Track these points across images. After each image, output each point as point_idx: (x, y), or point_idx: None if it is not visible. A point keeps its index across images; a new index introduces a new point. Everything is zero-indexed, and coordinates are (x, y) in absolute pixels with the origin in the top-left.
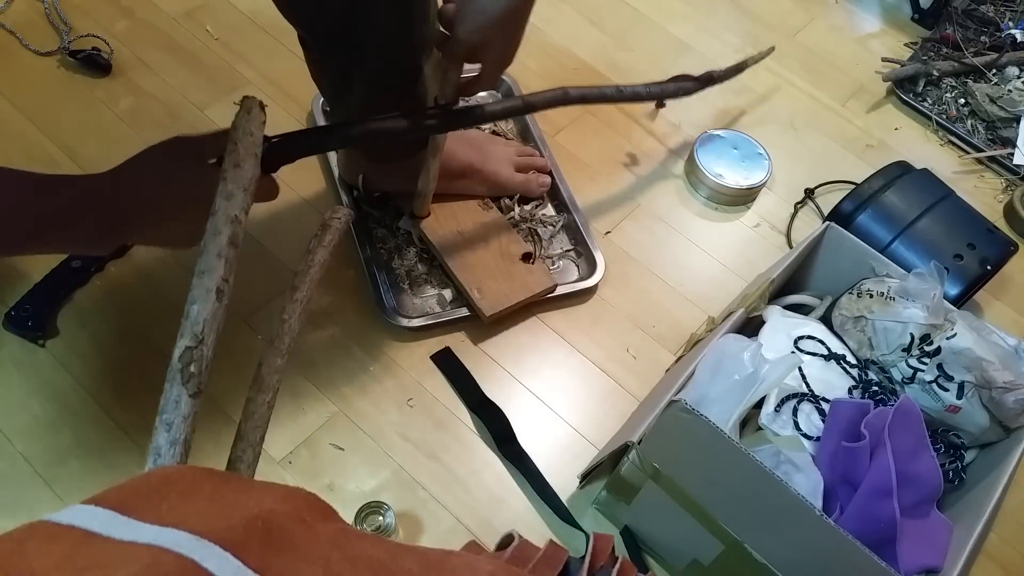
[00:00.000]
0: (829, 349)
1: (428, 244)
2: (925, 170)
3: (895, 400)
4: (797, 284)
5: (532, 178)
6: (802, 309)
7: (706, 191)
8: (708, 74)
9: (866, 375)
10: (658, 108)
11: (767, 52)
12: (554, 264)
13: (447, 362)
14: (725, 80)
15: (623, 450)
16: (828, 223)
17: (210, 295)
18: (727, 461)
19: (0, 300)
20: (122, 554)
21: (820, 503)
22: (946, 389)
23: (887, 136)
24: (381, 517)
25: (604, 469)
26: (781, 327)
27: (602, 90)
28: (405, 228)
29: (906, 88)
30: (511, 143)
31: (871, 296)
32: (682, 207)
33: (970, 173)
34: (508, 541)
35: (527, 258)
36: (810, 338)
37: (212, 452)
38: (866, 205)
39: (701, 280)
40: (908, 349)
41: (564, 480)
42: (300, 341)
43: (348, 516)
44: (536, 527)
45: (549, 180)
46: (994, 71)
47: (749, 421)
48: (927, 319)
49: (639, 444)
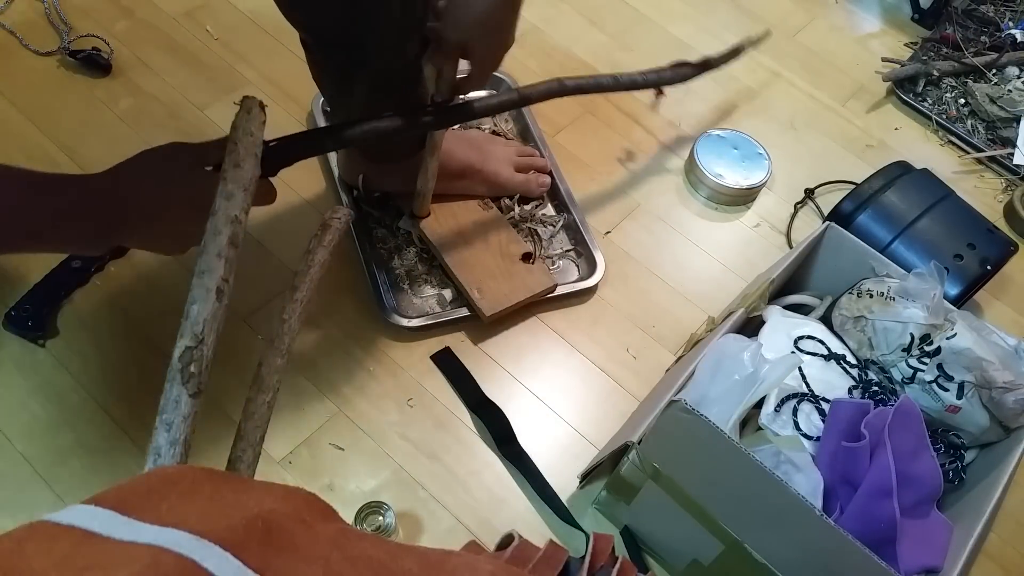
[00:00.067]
0: (829, 349)
1: (428, 244)
2: (925, 170)
3: (895, 400)
4: (797, 284)
5: (532, 178)
6: (802, 309)
7: (706, 191)
8: (705, 59)
9: (866, 375)
10: (658, 96)
11: (763, 36)
12: (554, 264)
13: (447, 362)
14: (722, 65)
15: (623, 450)
16: (828, 223)
17: (210, 295)
18: (727, 461)
19: (0, 300)
20: (122, 554)
21: (820, 503)
22: (946, 389)
23: (887, 136)
24: (381, 517)
25: (604, 469)
26: (781, 327)
27: (598, 79)
28: (405, 228)
29: (906, 88)
30: (511, 143)
31: (871, 296)
32: (682, 207)
33: (970, 173)
34: (508, 541)
35: (527, 258)
36: (810, 338)
37: (212, 452)
38: (866, 205)
39: (701, 280)
40: (908, 349)
41: (564, 480)
42: (300, 341)
43: (348, 516)
44: (536, 527)
45: (549, 180)
46: (994, 71)
47: (749, 421)
48: (927, 319)
49: (639, 444)
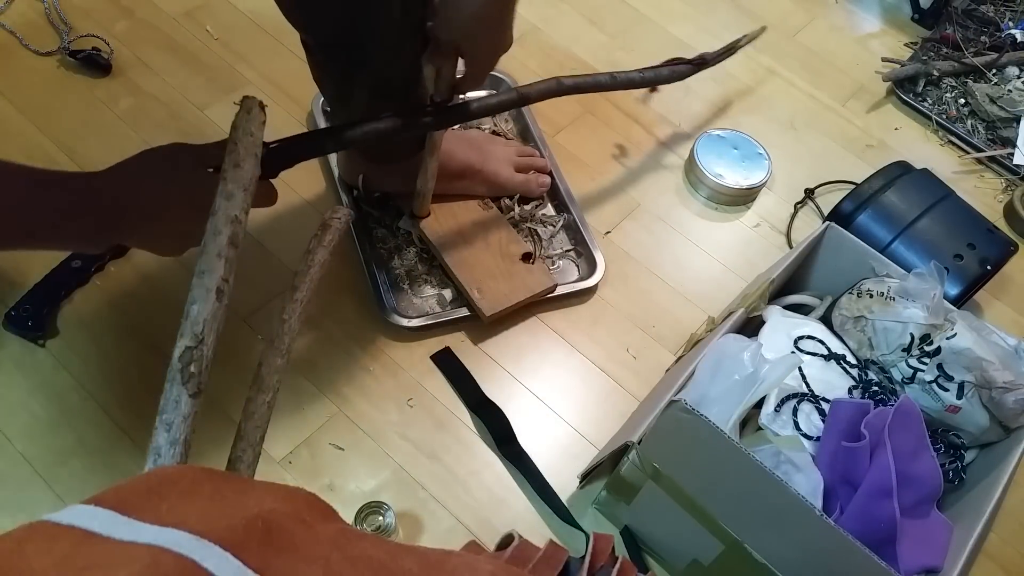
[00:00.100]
0: (829, 349)
1: (428, 244)
2: (925, 170)
3: (895, 400)
4: (797, 284)
5: (532, 178)
6: (802, 309)
7: (706, 191)
8: (701, 57)
9: (866, 375)
10: (652, 92)
11: (759, 32)
12: (554, 264)
13: (447, 362)
14: (718, 62)
15: (623, 450)
16: (828, 223)
17: (210, 295)
18: (727, 461)
19: (0, 300)
20: (122, 554)
21: (820, 503)
22: (946, 389)
23: (887, 136)
24: (381, 517)
25: (604, 469)
26: (781, 327)
27: (595, 78)
28: (405, 228)
29: (906, 88)
30: (511, 143)
31: (871, 296)
32: (682, 207)
33: (970, 173)
34: (508, 541)
35: (527, 258)
36: (810, 338)
37: (212, 452)
38: (866, 205)
39: (701, 280)
40: (908, 349)
41: (564, 480)
42: (300, 341)
43: (348, 516)
44: (536, 527)
45: (549, 180)
46: (994, 71)
47: (749, 421)
48: (927, 319)
49: (639, 444)
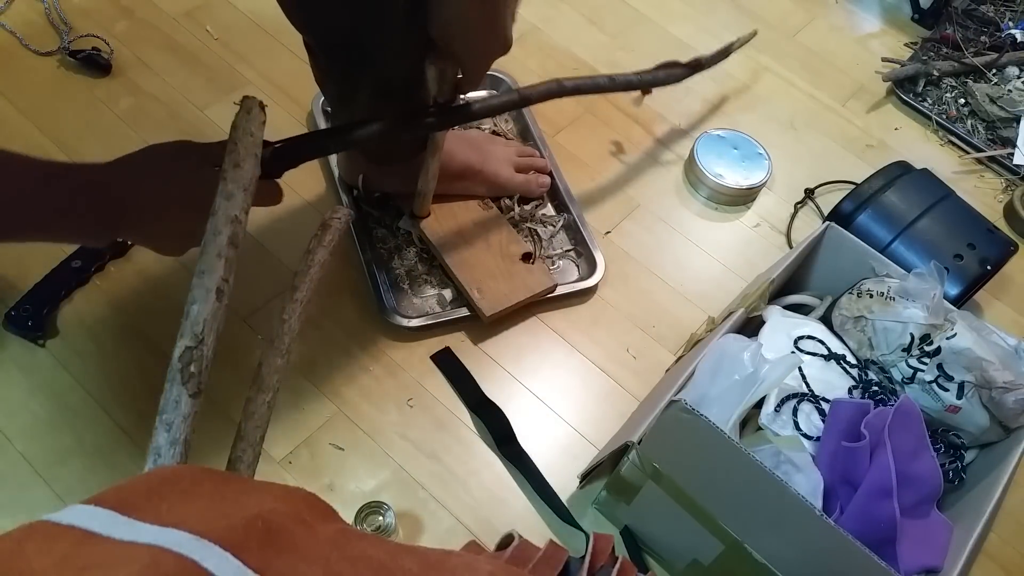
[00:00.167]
0: (829, 349)
1: (428, 244)
2: (925, 170)
3: (895, 400)
4: (797, 284)
5: (532, 178)
6: (802, 309)
7: (706, 191)
8: (696, 60)
9: (866, 375)
10: (644, 95)
11: (750, 36)
12: (554, 264)
13: (447, 362)
14: (712, 65)
15: (623, 450)
16: (828, 223)
17: (210, 295)
18: (727, 461)
19: (0, 300)
20: (122, 554)
21: (820, 503)
22: (946, 389)
23: (887, 136)
24: (381, 517)
25: (604, 469)
26: (781, 327)
27: (595, 80)
28: (405, 228)
29: (906, 88)
30: (511, 143)
31: (871, 296)
32: (682, 207)
33: (970, 173)
34: (508, 541)
35: (527, 258)
36: (810, 338)
37: (212, 452)
38: (866, 205)
39: (701, 280)
40: (908, 349)
41: (564, 480)
42: (300, 341)
43: (348, 516)
44: (536, 527)
45: (549, 180)
46: (994, 71)
47: (749, 421)
48: (927, 319)
49: (639, 444)
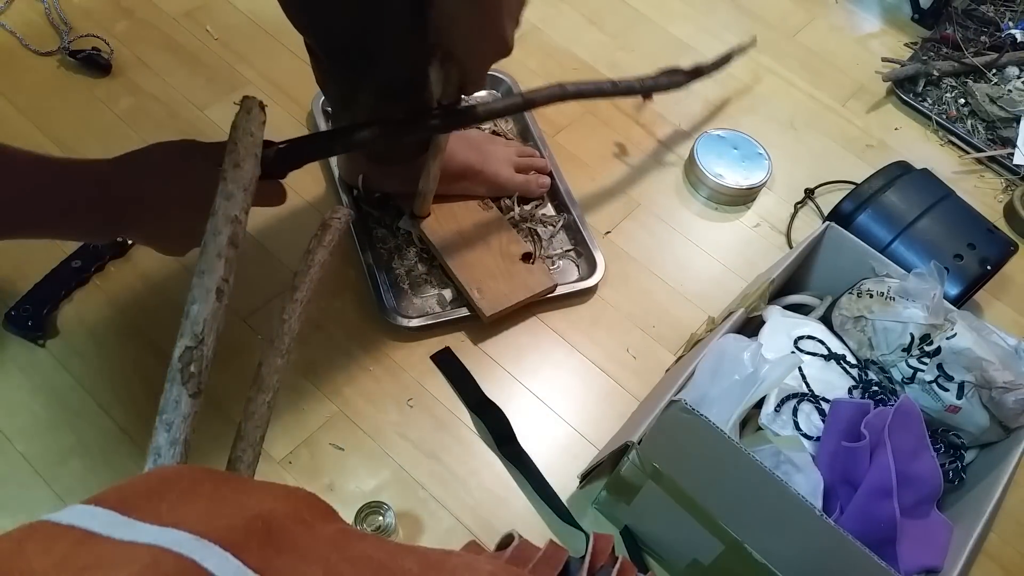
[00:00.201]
0: (829, 349)
1: (428, 244)
2: (925, 170)
3: (895, 400)
4: (797, 284)
5: (532, 179)
6: (802, 309)
7: (706, 191)
8: (697, 67)
9: (866, 375)
10: (645, 100)
11: (750, 43)
12: (554, 264)
13: (447, 362)
14: (713, 72)
15: (623, 450)
16: (828, 223)
17: (210, 295)
18: (727, 461)
19: (0, 300)
20: (122, 554)
21: (820, 503)
22: (946, 389)
23: (887, 136)
24: (381, 517)
25: (604, 469)
26: (781, 327)
27: (598, 84)
28: (405, 228)
29: (906, 88)
30: (511, 143)
31: (871, 296)
32: (682, 207)
33: (970, 173)
34: (508, 541)
35: (527, 258)
36: (810, 338)
37: (212, 452)
38: (866, 205)
39: (701, 280)
40: (908, 349)
41: (564, 480)
42: (300, 341)
43: (348, 516)
44: (536, 527)
45: (549, 181)
46: (994, 71)
47: (749, 421)
48: (927, 319)
49: (639, 444)
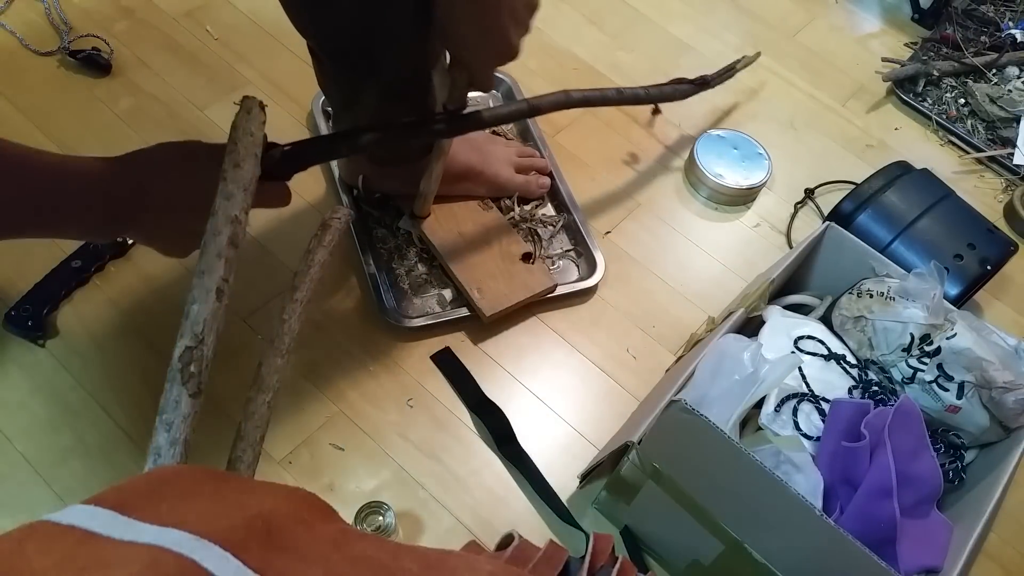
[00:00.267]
0: (829, 349)
1: (428, 244)
2: (925, 170)
3: (895, 400)
4: (797, 284)
5: (532, 179)
6: (802, 309)
7: (706, 191)
8: (703, 78)
9: (866, 375)
10: (654, 115)
11: (754, 57)
12: (554, 264)
13: (447, 362)
14: (718, 84)
15: (623, 450)
16: (828, 223)
17: (210, 295)
18: (727, 461)
19: (0, 300)
20: (122, 554)
21: (820, 503)
22: (946, 389)
23: (887, 136)
24: (381, 517)
25: (604, 469)
26: (781, 327)
27: (604, 92)
28: (405, 228)
29: (906, 88)
30: (511, 143)
31: (871, 296)
32: (682, 207)
33: (970, 173)
34: (508, 541)
35: (527, 258)
36: (810, 338)
37: (212, 452)
38: (866, 205)
39: (701, 280)
40: (908, 349)
41: (564, 480)
42: (300, 341)
43: (348, 516)
44: (536, 527)
45: (549, 181)
46: (994, 71)
47: (749, 421)
48: (927, 319)
49: (639, 444)
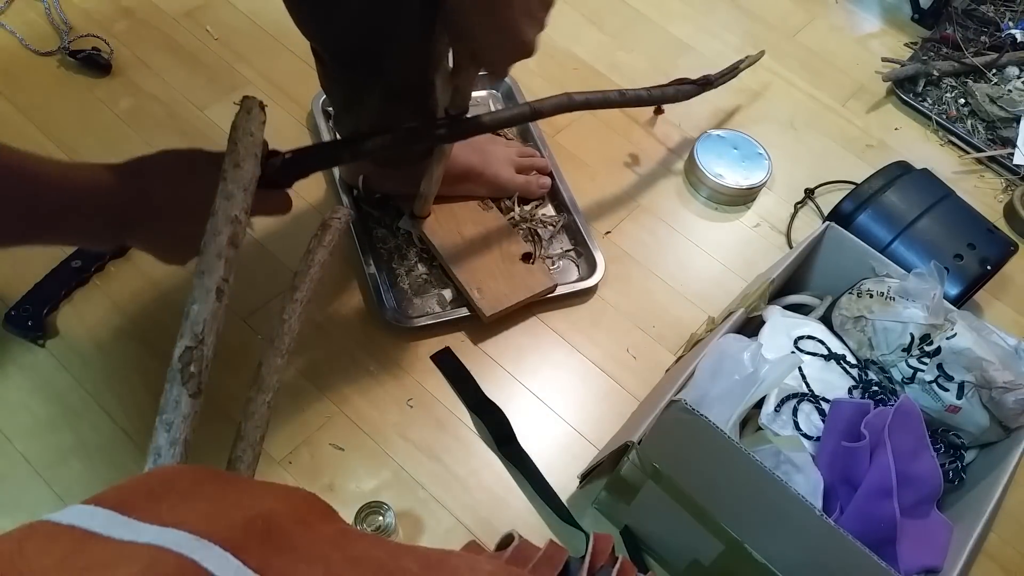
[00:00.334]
0: (829, 349)
1: (428, 244)
2: (925, 170)
3: (895, 400)
4: (797, 284)
5: (532, 179)
6: (802, 309)
7: (706, 191)
8: (705, 78)
9: (866, 375)
10: (656, 115)
11: (757, 57)
12: (554, 264)
13: (447, 362)
14: (721, 84)
15: (623, 450)
16: (828, 223)
17: (210, 295)
18: (727, 461)
19: (0, 300)
20: (122, 554)
21: (820, 503)
22: (946, 389)
23: (887, 136)
24: (381, 517)
25: (604, 469)
26: (781, 327)
27: (605, 94)
28: (405, 228)
29: (906, 88)
30: (512, 144)
31: (871, 296)
32: (682, 207)
33: (970, 173)
34: (508, 541)
35: (527, 258)
36: (810, 338)
37: (212, 452)
38: (866, 205)
39: (701, 280)
40: (908, 349)
41: (564, 480)
42: (300, 341)
43: (348, 516)
44: (536, 527)
45: (549, 181)
46: (994, 71)
47: (749, 421)
48: (927, 319)
49: (639, 444)
